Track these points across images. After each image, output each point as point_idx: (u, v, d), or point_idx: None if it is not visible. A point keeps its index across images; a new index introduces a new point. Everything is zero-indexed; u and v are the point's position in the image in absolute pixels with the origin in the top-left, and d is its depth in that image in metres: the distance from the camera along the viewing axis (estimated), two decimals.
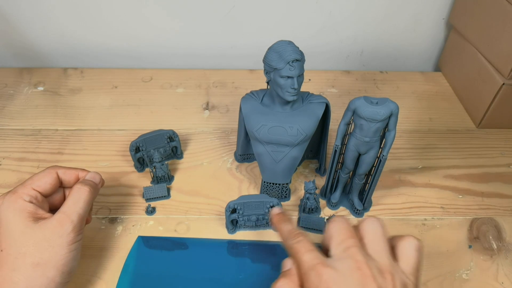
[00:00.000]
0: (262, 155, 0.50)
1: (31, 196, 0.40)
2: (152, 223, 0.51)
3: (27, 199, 0.40)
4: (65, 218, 0.39)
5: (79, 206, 0.41)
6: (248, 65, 0.80)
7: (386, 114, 0.42)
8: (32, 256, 0.37)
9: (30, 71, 0.76)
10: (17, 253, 0.37)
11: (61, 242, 0.38)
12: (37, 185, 0.41)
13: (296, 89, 0.44)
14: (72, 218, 0.40)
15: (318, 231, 0.50)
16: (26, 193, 0.40)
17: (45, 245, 0.38)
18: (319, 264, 0.32)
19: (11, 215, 0.39)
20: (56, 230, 0.38)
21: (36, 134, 0.63)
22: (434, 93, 0.74)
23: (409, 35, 0.79)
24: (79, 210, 0.40)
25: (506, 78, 0.60)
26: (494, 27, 0.61)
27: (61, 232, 0.39)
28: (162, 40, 0.78)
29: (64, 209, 0.40)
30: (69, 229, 0.39)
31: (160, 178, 0.55)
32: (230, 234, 0.50)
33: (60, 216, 0.39)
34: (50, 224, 0.39)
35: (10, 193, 0.40)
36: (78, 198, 0.41)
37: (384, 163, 0.46)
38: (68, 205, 0.40)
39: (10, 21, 0.75)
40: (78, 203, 0.41)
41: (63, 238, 0.38)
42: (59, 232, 0.39)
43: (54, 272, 0.37)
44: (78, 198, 0.41)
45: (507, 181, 0.58)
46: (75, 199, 0.41)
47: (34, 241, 0.38)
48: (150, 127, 0.59)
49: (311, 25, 0.77)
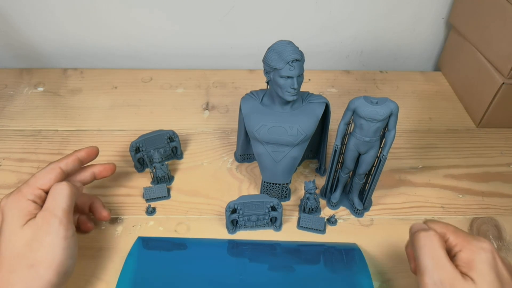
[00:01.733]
0: (262, 155, 0.50)
1: (35, 195, 0.40)
2: (152, 224, 0.51)
3: (30, 198, 0.40)
4: (48, 215, 0.39)
5: (61, 200, 0.40)
6: (248, 65, 0.80)
7: (386, 113, 0.42)
8: (26, 257, 0.37)
9: (30, 72, 0.76)
10: (12, 254, 0.37)
11: (51, 240, 0.38)
12: (41, 184, 0.41)
13: (296, 89, 0.44)
14: (56, 212, 0.39)
15: (318, 231, 0.50)
16: (31, 193, 0.40)
17: (35, 245, 0.37)
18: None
19: (10, 214, 0.39)
20: (42, 228, 0.38)
21: (36, 135, 0.63)
22: (434, 93, 0.74)
23: (409, 35, 0.79)
24: (61, 205, 0.40)
25: (506, 77, 0.60)
26: (494, 26, 0.61)
27: (48, 229, 0.38)
28: (162, 41, 0.78)
29: (46, 206, 0.40)
30: (55, 225, 0.38)
31: (160, 178, 0.55)
32: (230, 234, 0.50)
33: (43, 214, 0.39)
34: (36, 223, 0.38)
35: (14, 193, 0.40)
36: (57, 193, 0.40)
37: (384, 163, 0.46)
38: (48, 202, 0.40)
39: (10, 22, 0.75)
40: (58, 198, 0.40)
41: (51, 235, 0.38)
42: (46, 230, 0.38)
43: (50, 272, 0.37)
44: (57, 194, 0.40)
45: (507, 180, 0.58)
46: (54, 195, 0.40)
47: (25, 242, 0.37)
48: (150, 128, 0.59)
49: (310, 25, 0.77)
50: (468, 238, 0.35)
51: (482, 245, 0.35)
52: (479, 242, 0.35)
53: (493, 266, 0.34)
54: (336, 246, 0.49)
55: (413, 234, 0.37)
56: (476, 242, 0.35)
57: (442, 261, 0.34)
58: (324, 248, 0.49)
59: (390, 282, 0.46)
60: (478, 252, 0.34)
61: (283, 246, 0.49)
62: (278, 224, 0.50)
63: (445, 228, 0.37)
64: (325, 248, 0.49)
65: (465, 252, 0.34)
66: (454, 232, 0.36)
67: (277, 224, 0.50)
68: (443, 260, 0.34)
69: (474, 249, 0.34)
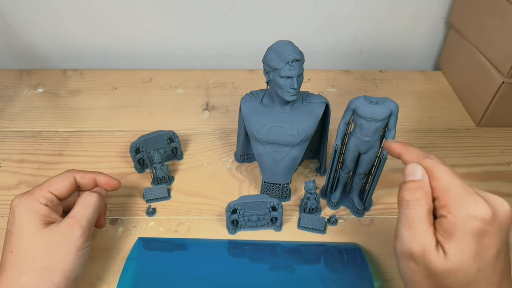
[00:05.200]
0: (262, 155, 0.50)
1: (47, 199, 0.40)
2: (153, 224, 0.51)
3: (43, 201, 0.40)
4: (74, 223, 0.39)
5: (88, 211, 0.41)
6: (248, 65, 0.80)
7: (386, 113, 0.42)
8: (41, 260, 0.37)
9: (29, 73, 0.76)
10: (26, 256, 0.37)
11: (70, 247, 0.38)
12: (54, 188, 0.41)
13: (295, 89, 0.44)
14: (82, 223, 0.40)
15: (319, 231, 0.50)
16: (43, 196, 0.40)
17: (54, 250, 0.38)
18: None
19: (25, 216, 0.39)
20: (65, 234, 0.39)
21: (36, 136, 0.63)
22: (433, 92, 0.74)
23: (409, 34, 0.79)
24: (88, 216, 0.41)
25: (506, 76, 0.60)
26: (493, 25, 0.61)
27: (70, 236, 0.39)
28: (162, 41, 0.78)
29: (74, 213, 0.40)
30: (78, 234, 0.39)
31: (160, 179, 0.55)
32: (230, 234, 0.50)
33: (69, 221, 0.40)
34: (60, 228, 0.39)
35: (27, 194, 0.40)
36: (87, 204, 0.41)
37: (385, 163, 0.46)
38: (77, 210, 0.41)
39: (10, 23, 0.75)
40: (87, 208, 0.41)
41: (71, 243, 0.39)
42: (68, 237, 0.39)
43: (60, 278, 0.38)
44: (88, 204, 0.41)
45: (507, 179, 0.58)
46: (85, 205, 0.41)
47: (43, 245, 0.38)
48: (150, 128, 0.59)
49: (310, 24, 0.77)
50: (461, 200, 0.30)
51: (477, 212, 0.29)
52: (474, 208, 0.29)
53: (476, 240, 0.29)
54: (336, 246, 0.49)
55: (402, 186, 0.33)
56: (470, 207, 0.29)
57: (418, 232, 0.31)
58: (325, 248, 0.49)
59: (391, 282, 0.46)
60: (465, 220, 0.29)
61: (284, 246, 0.49)
62: (278, 224, 0.50)
63: (438, 181, 0.32)
64: (326, 248, 0.49)
65: (449, 218, 0.30)
66: (445, 191, 0.31)
67: (277, 224, 0.50)
68: (419, 231, 0.31)
69: (462, 216, 0.29)
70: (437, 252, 0.30)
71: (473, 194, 0.30)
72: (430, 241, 0.31)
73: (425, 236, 0.31)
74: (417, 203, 0.32)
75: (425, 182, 0.32)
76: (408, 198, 0.32)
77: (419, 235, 0.31)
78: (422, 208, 0.32)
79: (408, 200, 0.32)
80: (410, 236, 0.32)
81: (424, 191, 0.32)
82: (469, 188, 0.31)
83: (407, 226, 0.32)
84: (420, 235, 0.31)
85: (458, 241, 0.30)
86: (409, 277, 0.33)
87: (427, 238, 0.31)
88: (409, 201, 0.32)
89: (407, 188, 0.33)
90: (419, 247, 0.31)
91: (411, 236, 0.32)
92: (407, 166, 0.34)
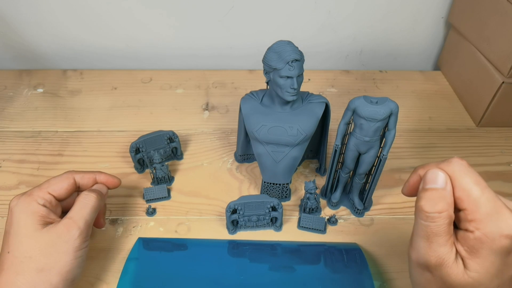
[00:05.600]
0: (262, 155, 0.50)
1: (46, 200, 0.40)
2: (153, 224, 0.51)
3: (41, 202, 0.40)
4: (71, 224, 0.39)
5: (86, 212, 0.41)
6: (248, 65, 0.80)
7: (386, 113, 0.42)
8: (37, 261, 0.37)
9: (29, 73, 0.76)
10: (23, 256, 0.37)
11: (67, 248, 0.38)
12: (53, 189, 0.41)
13: (295, 89, 0.44)
14: (79, 224, 0.40)
15: (319, 231, 0.50)
16: (41, 197, 0.40)
17: (51, 251, 0.38)
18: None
19: (23, 217, 0.39)
20: (62, 235, 0.39)
21: (36, 136, 0.63)
22: (433, 92, 0.74)
23: (408, 34, 0.79)
24: (86, 216, 0.41)
25: (506, 76, 0.60)
26: (493, 25, 0.61)
27: (67, 237, 0.39)
28: (162, 41, 0.78)
29: (71, 214, 0.40)
30: (75, 235, 0.39)
31: (160, 179, 0.55)
32: (230, 234, 0.50)
33: (67, 221, 0.39)
34: (57, 229, 0.39)
35: (26, 195, 0.40)
36: (85, 204, 0.41)
37: (384, 163, 0.46)
38: (75, 211, 0.41)
39: (10, 23, 0.75)
40: (85, 209, 0.41)
41: (69, 243, 0.38)
42: (65, 238, 0.39)
43: (57, 279, 0.37)
44: (85, 204, 0.41)
45: (507, 179, 0.58)
46: (82, 205, 0.41)
47: (41, 246, 0.38)
48: (150, 128, 0.59)
49: (310, 24, 0.77)
50: (492, 218, 0.28)
51: (509, 231, 0.27)
52: (507, 227, 0.27)
53: (502, 258, 0.28)
54: (336, 246, 0.49)
55: (421, 195, 0.30)
56: (503, 226, 0.27)
57: (436, 245, 0.29)
58: (325, 248, 0.49)
59: (391, 282, 0.46)
60: (495, 239, 0.27)
61: (284, 246, 0.49)
62: (278, 224, 0.50)
63: (465, 192, 0.29)
64: (326, 248, 0.48)
65: (477, 234, 0.28)
66: (475, 205, 0.28)
67: (277, 224, 0.50)
68: (437, 244, 0.29)
69: (494, 236, 0.27)
70: (456, 265, 0.29)
71: (504, 210, 0.28)
72: (449, 254, 0.29)
73: (444, 250, 0.29)
74: (439, 216, 0.29)
75: (448, 191, 0.29)
76: (429, 210, 0.29)
77: (438, 248, 0.29)
78: (443, 221, 0.29)
79: (428, 212, 0.29)
80: (427, 248, 0.30)
81: (447, 203, 0.29)
82: (498, 201, 0.29)
83: (425, 238, 0.30)
84: (438, 248, 0.29)
85: (484, 258, 0.28)
86: (422, 286, 0.32)
87: (446, 252, 0.29)
88: (429, 213, 0.29)
89: (428, 197, 0.30)
90: (437, 260, 0.29)
91: (428, 248, 0.30)
92: (428, 171, 0.31)
